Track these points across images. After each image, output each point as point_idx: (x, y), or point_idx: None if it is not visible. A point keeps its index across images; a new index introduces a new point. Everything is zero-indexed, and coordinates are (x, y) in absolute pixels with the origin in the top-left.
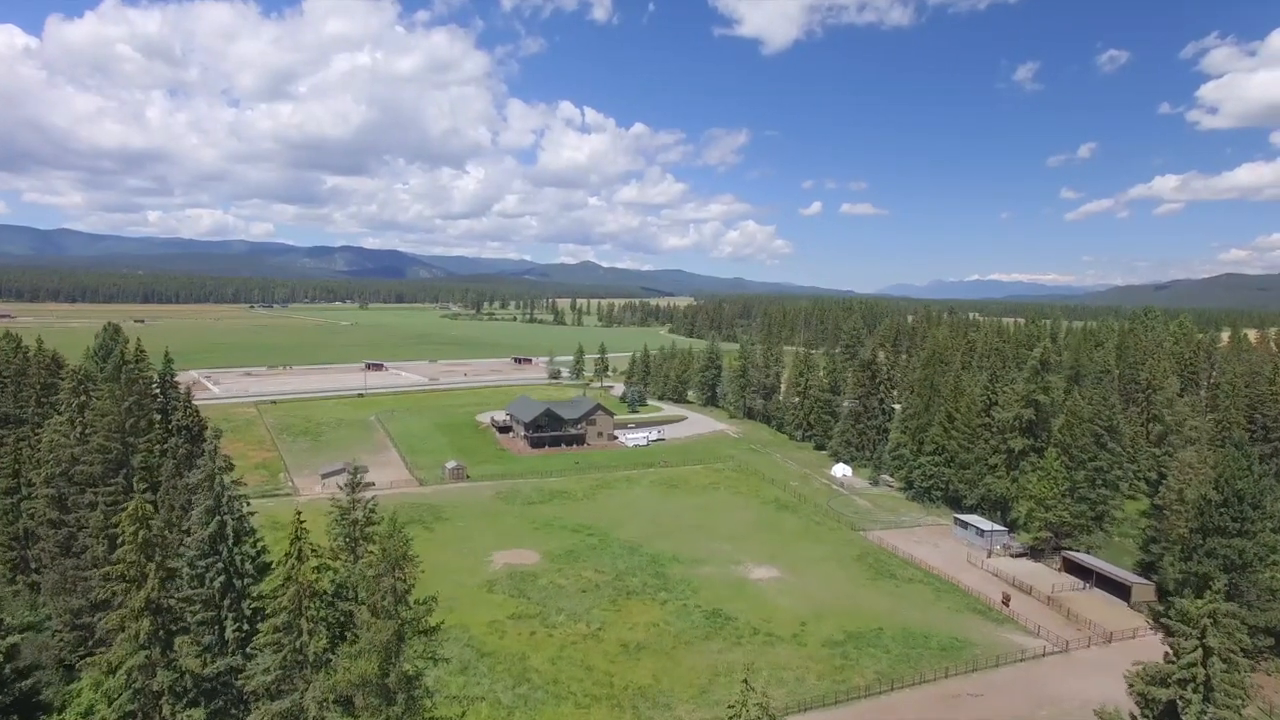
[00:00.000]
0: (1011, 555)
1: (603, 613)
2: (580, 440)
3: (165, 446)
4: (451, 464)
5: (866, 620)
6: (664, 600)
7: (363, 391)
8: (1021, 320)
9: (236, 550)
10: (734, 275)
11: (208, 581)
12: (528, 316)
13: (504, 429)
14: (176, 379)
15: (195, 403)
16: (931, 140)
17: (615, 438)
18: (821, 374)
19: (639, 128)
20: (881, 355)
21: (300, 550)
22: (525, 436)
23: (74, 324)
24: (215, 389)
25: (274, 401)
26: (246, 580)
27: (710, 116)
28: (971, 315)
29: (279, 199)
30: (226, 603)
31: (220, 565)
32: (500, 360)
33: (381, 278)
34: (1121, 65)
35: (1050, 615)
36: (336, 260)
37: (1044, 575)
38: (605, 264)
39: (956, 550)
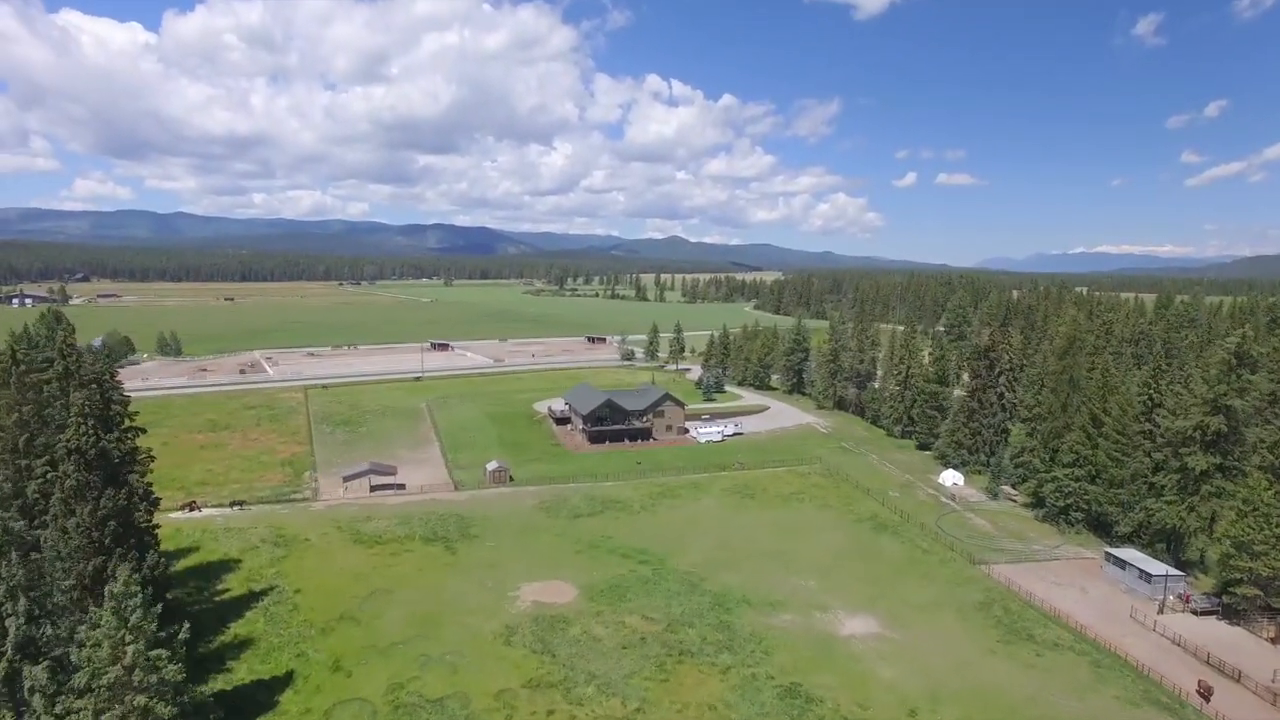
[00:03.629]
0: (1195, 613)
1: (645, 682)
2: (645, 435)
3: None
4: (493, 465)
5: (1000, 711)
6: (726, 666)
7: (420, 375)
8: (1146, 296)
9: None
10: (823, 249)
11: None
12: (610, 292)
13: (562, 420)
14: (118, 379)
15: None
16: (1038, 105)
17: (686, 431)
18: (926, 359)
19: (727, 99)
20: (1002, 339)
21: None
22: (583, 430)
23: (169, 302)
24: (271, 371)
25: (324, 386)
26: None
27: (801, 87)
28: (1079, 290)
29: (374, 179)
30: None
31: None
32: (573, 339)
33: (472, 254)
34: (1265, 11)
35: None
36: (429, 238)
37: (1251, 649)
38: (693, 239)
39: (1113, 599)
